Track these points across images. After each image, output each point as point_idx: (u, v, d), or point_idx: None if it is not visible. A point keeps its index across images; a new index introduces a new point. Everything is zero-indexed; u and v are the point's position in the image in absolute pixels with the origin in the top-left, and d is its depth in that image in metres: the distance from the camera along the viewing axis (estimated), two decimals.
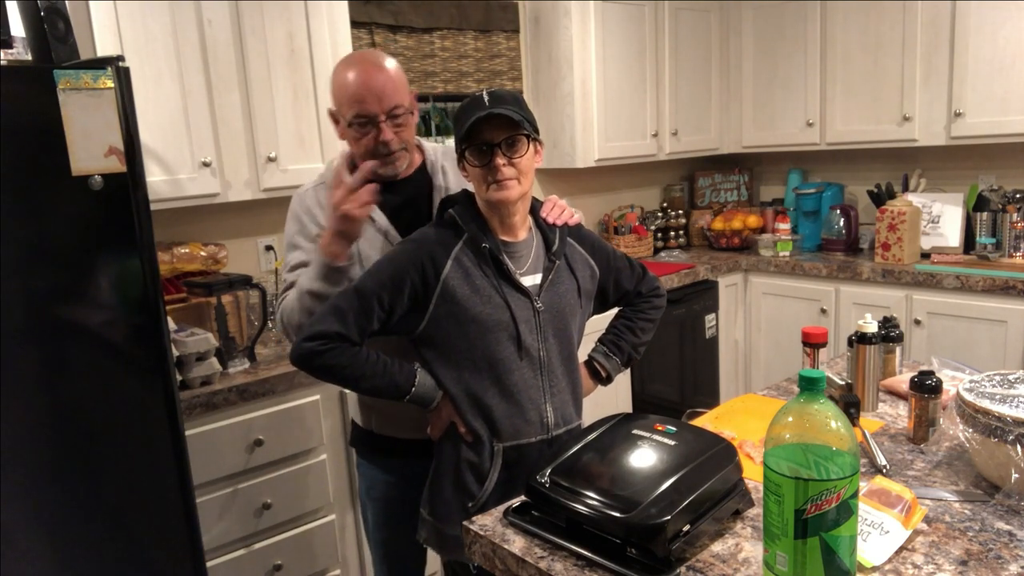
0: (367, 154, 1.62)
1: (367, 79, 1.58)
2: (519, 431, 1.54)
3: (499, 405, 1.53)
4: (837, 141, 3.61)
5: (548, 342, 1.56)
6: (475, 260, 1.51)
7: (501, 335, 1.51)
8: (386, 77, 1.60)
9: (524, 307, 1.53)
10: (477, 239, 1.51)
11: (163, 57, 2.21)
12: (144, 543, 1.82)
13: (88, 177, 1.66)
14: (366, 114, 1.58)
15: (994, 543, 1.14)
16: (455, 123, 1.50)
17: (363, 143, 1.62)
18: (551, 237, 1.61)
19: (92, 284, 1.69)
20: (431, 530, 1.61)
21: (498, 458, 1.54)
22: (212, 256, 2.48)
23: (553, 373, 1.57)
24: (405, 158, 1.67)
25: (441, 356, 1.53)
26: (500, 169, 1.45)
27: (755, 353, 3.81)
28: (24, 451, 1.63)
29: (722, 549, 1.16)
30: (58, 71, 1.60)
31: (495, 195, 1.48)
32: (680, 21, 3.72)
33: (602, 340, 1.77)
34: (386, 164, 1.63)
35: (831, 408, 0.99)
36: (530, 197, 1.59)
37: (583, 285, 1.64)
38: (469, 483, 1.55)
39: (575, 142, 3.42)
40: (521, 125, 1.45)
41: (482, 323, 1.50)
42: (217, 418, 2.12)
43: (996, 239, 3.23)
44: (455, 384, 1.53)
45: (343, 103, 1.61)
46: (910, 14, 3.26)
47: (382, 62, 1.62)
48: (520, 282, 1.53)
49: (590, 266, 1.67)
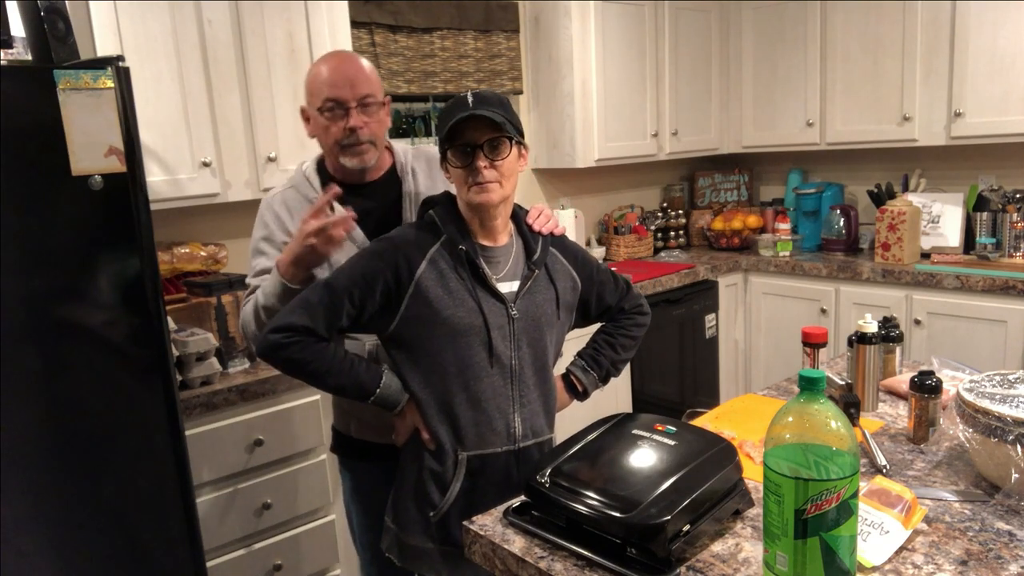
0: (335, 146, 1.63)
1: (339, 66, 1.62)
2: (484, 440, 1.51)
3: (465, 412, 1.50)
4: (837, 141, 3.61)
5: (521, 351, 1.53)
6: (451, 262, 1.49)
7: (472, 340, 1.48)
8: (358, 67, 1.63)
9: (498, 313, 1.50)
10: (454, 241, 1.49)
11: (163, 57, 2.21)
12: (144, 543, 1.82)
13: (88, 177, 1.66)
14: (336, 98, 1.60)
15: (994, 543, 1.14)
16: (439, 123, 1.49)
17: (332, 132, 1.63)
18: (532, 245, 1.57)
19: (92, 284, 1.69)
20: (393, 539, 1.60)
21: (461, 467, 1.51)
22: (212, 256, 2.48)
23: (524, 383, 1.54)
24: (373, 152, 1.66)
25: (410, 358, 1.51)
26: (481, 171, 1.43)
27: (755, 353, 3.81)
28: (24, 451, 1.63)
29: (722, 549, 1.16)
30: (58, 71, 1.60)
31: (476, 198, 1.45)
32: (680, 21, 3.72)
33: (581, 354, 1.73)
34: (353, 155, 1.64)
35: (831, 408, 0.99)
36: (512, 201, 1.56)
37: (562, 296, 1.60)
38: (431, 492, 1.53)
39: (575, 142, 3.42)
40: (504, 127, 1.43)
41: (453, 326, 1.47)
42: (217, 418, 2.12)
43: (996, 239, 3.23)
44: (422, 388, 1.50)
45: (314, 92, 1.63)
46: (910, 14, 3.26)
47: (355, 56, 1.67)
48: (496, 287, 1.50)
49: (572, 278, 1.63)
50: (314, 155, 1.76)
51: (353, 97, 1.60)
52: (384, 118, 1.69)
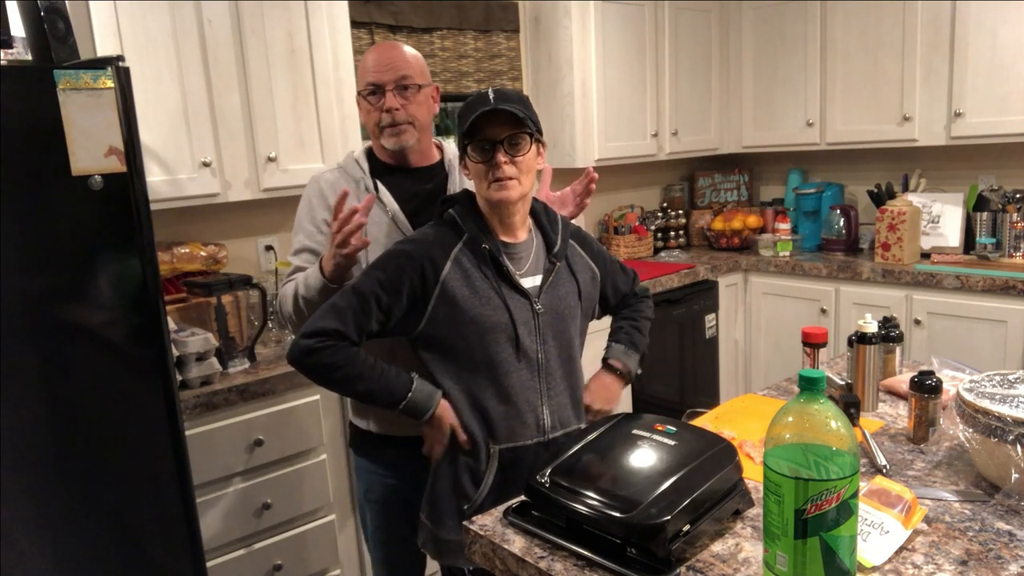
0: (376, 128, 1.68)
1: (381, 53, 1.68)
2: (515, 433, 1.54)
3: (496, 407, 1.52)
4: (837, 141, 3.61)
5: (547, 344, 1.55)
6: (475, 261, 1.51)
7: (499, 336, 1.50)
8: (399, 53, 1.68)
9: (523, 309, 1.52)
10: (477, 240, 1.51)
11: (163, 57, 2.21)
12: (144, 543, 1.82)
13: (88, 177, 1.66)
14: (375, 82, 1.66)
15: (994, 543, 1.14)
16: (459, 119, 1.50)
17: (372, 115, 1.68)
18: (552, 238, 1.60)
19: (92, 284, 1.69)
20: (428, 535, 1.61)
21: (494, 460, 1.53)
22: (212, 256, 2.48)
23: (551, 376, 1.57)
24: (412, 133, 1.69)
25: (439, 357, 1.53)
26: (501, 167, 1.45)
27: (755, 353, 3.81)
28: (24, 451, 1.63)
29: (722, 549, 1.16)
30: (58, 71, 1.60)
31: (495, 194, 1.47)
32: (680, 21, 3.72)
33: (615, 340, 1.75)
34: (391, 135, 1.67)
35: (831, 408, 0.99)
36: (531, 197, 1.58)
37: (584, 288, 1.63)
38: (465, 485, 1.55)
39: (575, 142, 3.42)
40: (525, 123, 1.45)
41: (480, 324, 1.49)
42: (217, 418, 2.12)
43: (996, 239, 3.23)
44: (454, 384, 1.53)
45: (359, 79, 1.70)
46: (910, 14, 3.26)
47: (399, 44, 1.73)
48: (520, 284, 1.53)
49: (591, 269, 1.67)
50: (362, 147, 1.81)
51: (391, 79, 1.65)
52: (426, 102, 1.71)
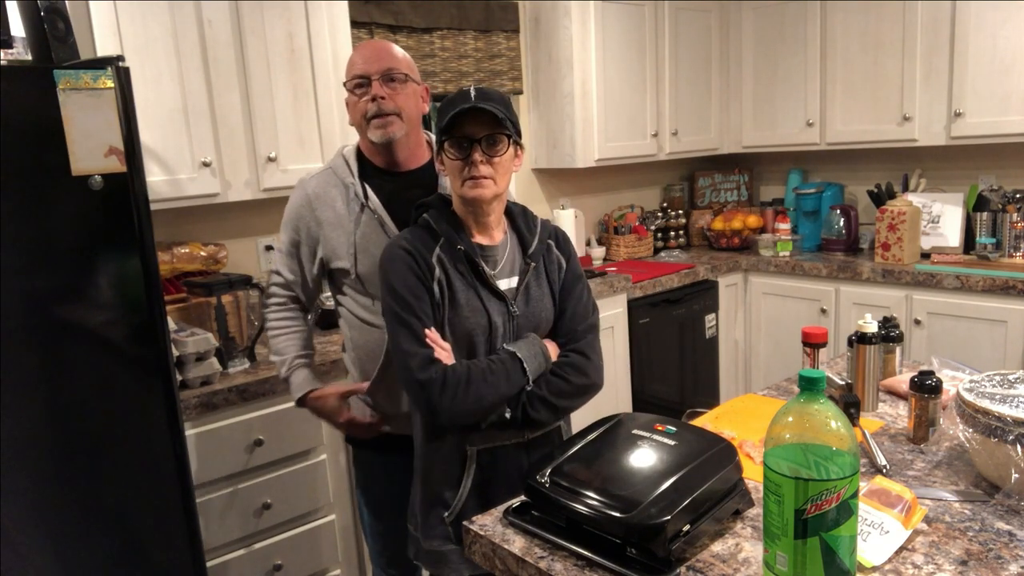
0: (363, 121, 1.67)
1: (368, 46, 1.70)
2: (492, 434, 1.52)
3: None
4: (837, 141, 3.61)
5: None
6: (452, 263, 1.49)
7: (478, 339, 1.49)
8: (386, 47, 1.69)
9: (500, 312, 1.51)
10: (452, 241, 1.49)
11: (163, 57, 2.21)
12: (144, 543, 1.82)
13: (88, 177, 1.66)
14: (361, 74, 1.66)
15: (994, 543, 1.14)
16: (439, 114, 1.49)
17: (359, 108, 1.68)
18: (528, 239, 1.58)
19: (92, 284, 1.69)
20: (417, 546, 1.61)
21: (471, 462, 1.52)
22: (212, 256, 2.48)
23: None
24: (399, 125, 1.67)
25: None
26: (477, 165, 1.43)
27: (755, 353, 3.81)
28: (24, 451, 1.63)
29: (722, 549, 1.16)
30: (58, 71, 1.60)
31: (469, 192, 1.46)
32: (680, 21, 3.72)
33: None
34: (377, 127, 1.66)
35: (831, 408, 0.99)
36: (505, 199, 1.57)
37: (555, 287, 1.59)
38: (444, 492, 1.53)
39: (575, 142, 3.42)
40: (504, 124, 1.43)
41: (458, 327, 1.48)
42: (217, 418, 2.12)
43: (996, 239, 3.23)
44: None
45: (347, 75, 1.70)
46: (910, 14, 3.26)
47: (386, 41, 1.74)
48: (496, 286, 1.51)
49: (562, 267, 1.61)
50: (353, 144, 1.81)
51: (377, 70, 1.65)
52: (413, 96, 1.71)
